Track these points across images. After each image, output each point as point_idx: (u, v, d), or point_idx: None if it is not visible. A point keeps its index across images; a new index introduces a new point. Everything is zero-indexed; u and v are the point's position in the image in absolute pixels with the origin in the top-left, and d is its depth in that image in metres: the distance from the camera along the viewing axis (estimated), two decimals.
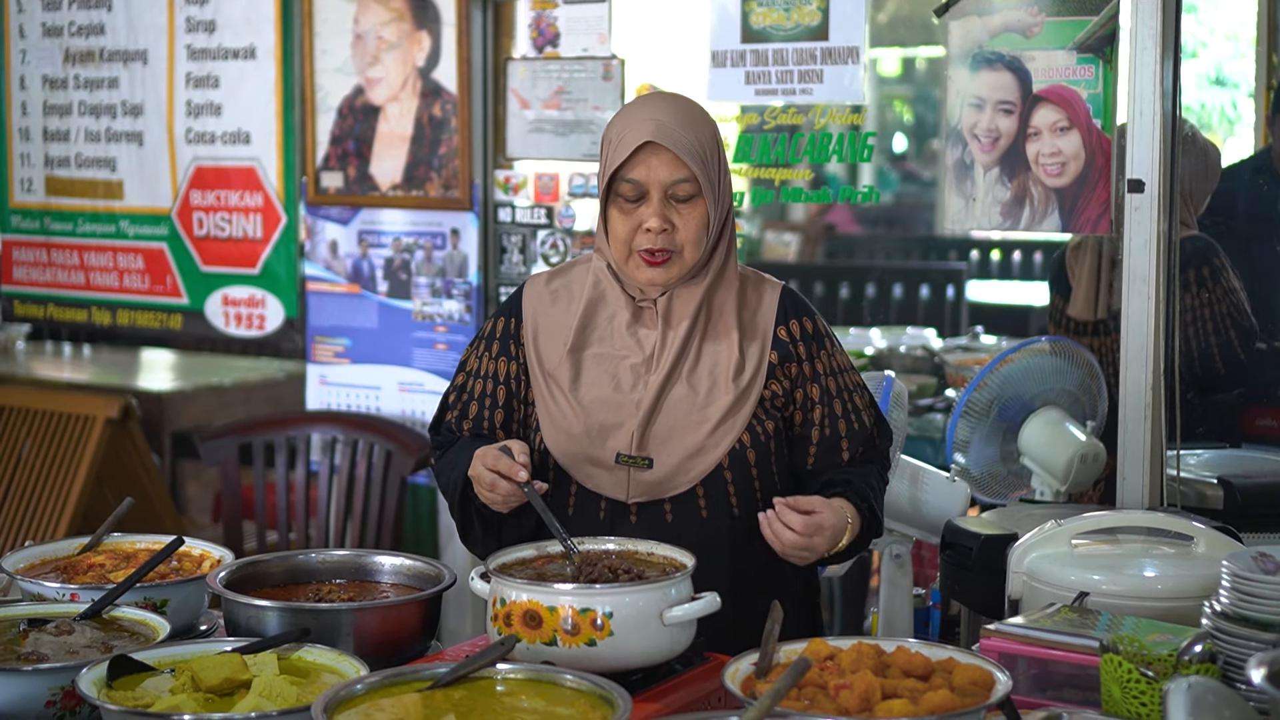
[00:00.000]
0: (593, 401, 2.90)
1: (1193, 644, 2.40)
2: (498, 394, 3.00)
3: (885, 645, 2.37)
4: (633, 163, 2.83)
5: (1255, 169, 4.73)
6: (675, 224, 2.84)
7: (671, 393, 2.88)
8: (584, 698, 2.19)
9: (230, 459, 4.90)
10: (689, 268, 2.88)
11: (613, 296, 2.95)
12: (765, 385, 2.91)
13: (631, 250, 2.87)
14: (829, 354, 2.98)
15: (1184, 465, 3.90)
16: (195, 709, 2.21)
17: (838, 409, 2.95)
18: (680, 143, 2.82)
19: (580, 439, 2.88)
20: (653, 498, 2.88)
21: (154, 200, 5.45)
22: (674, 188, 2.83)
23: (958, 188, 4.07)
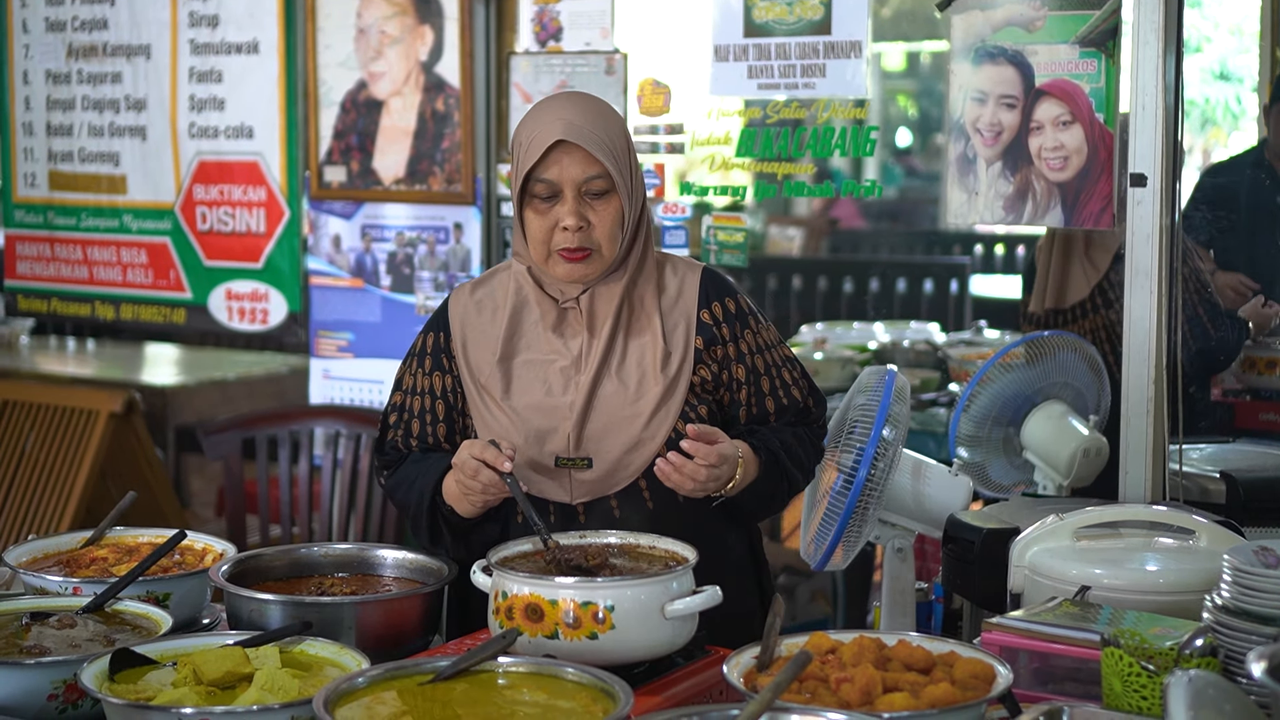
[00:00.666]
0: (526, 408, 2.91)
1: (1194, 638, 2.40)
2: (437, 409, 3.01)
3: (887, 639, 2.37)
4: (545, 163, 2.84)
5: (1254, 163, 4.73)
6: (591, 220, 2.86)
7: (602, 390, 2.90)
8: (585, 691, 2.19)
9: (233, 453, 4.90)
10: (609, 263, 2.90)
11: (536, 301, 2.96)
12: (694, 371, 2.93)
13: (550, 250, 2.88)
14: (754, 332, 2.99)
15: (1186, 459, 3.90)
16: (197, 702, 2.22)
17: (765, 386, 2.99)
18: (591, 140, 2.84)
19: (519, 447, 2.88)
20: (597, 496, 2.90)
21: (157, 195, 5.45)
22: (587, 184, 2.85)
23: (960, 182, 4.07)
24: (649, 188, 4.63)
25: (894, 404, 3.71)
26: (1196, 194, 4.56)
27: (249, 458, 4.96)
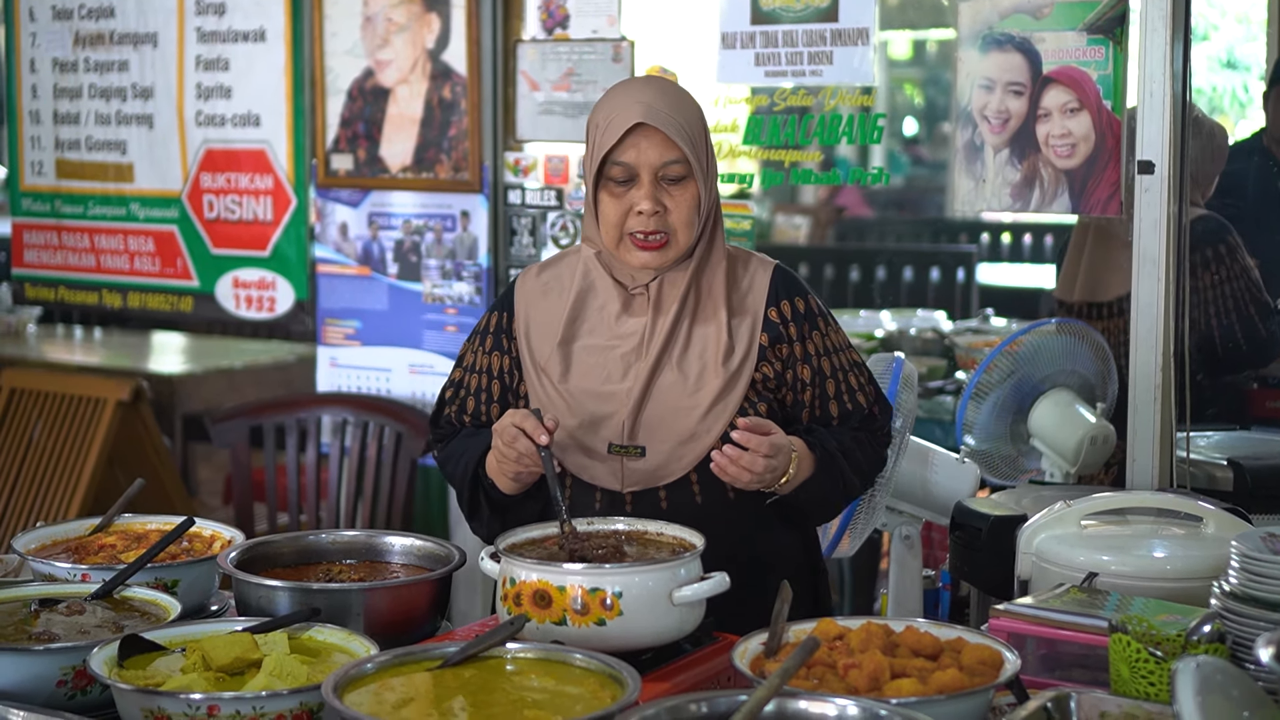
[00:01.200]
0: (583, 393, 2.89)
1: (1201, 624, 2.40)
2: (492, 388, 3.00)
3: (894, 625, 2.37)
4: (623, 145, 2.81)
5: (1252, 150, 4.73)
6: (667, 206, 2.83)
7: (661, 379, 2.87)
8: (593, 677, 2.19)
9: (241, 441, 4.91)
10: (683, 250, 2.87)
11: (602, 286, 2.93)
12: (756, 368, 2.89)
13: (623, 234, 2.85)
14: (822, 334, 2.95)
15: (1194, 447, 3.90)
16: (206, 688, 2.22)
17: (830, 389, 2.93)
18: (671, 124, 2.80)
19: (573, 431, 2.87)
20: (647, 486, 2.87)
21: (164, 183, 5.45)
22: (665, 169, 2.82)
23: (968, 169, 4.06)
24: None
25: (901, 392, 3.71)
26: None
27: (256, 446, 4.97)
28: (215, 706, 2.14)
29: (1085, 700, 2.27)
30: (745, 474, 2.72)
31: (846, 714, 2.02)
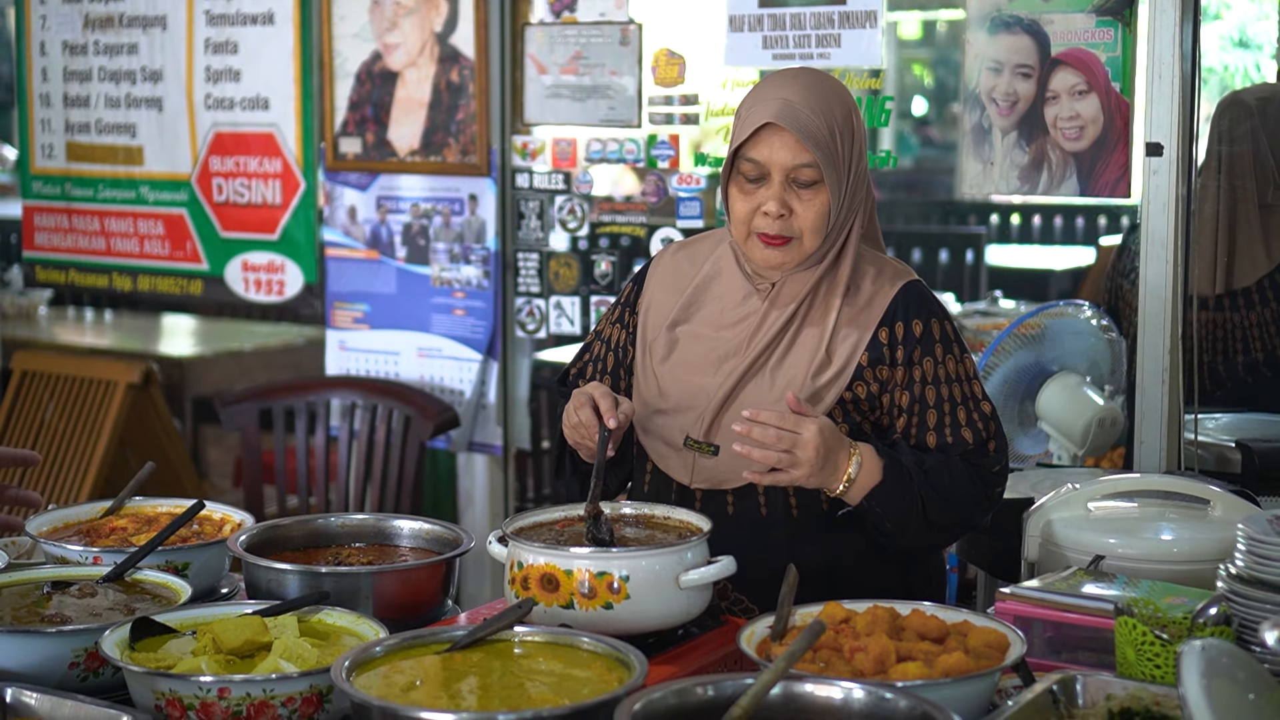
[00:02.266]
0: (675, 380, 2.84)
1: (1208, 607, 2.41)
2: (608, 359, 3.00)
3: (900, 608, 2.38)
4: (755, 142, 2.73)
5: None
6: (795, 209, 2.73)
7: (751, 382, 2.79)
8: (600, 660, 2.20)
9: (251, 424, 4.93)
10: (809, 253, 2.78)
11: (729, 275, 2.87)
12: (849, 386, 2.77)
13: (750, 231, 2.77)
14: (936, 362, 2.78)
15: (1203, 429, 3.90)
16: (217, 670, 2.23)
17: (930, 420, 2.77)
18: (804, 126, 2.70)
19: (657, 416, 2.84)
20: (714, 487, 2.81)
21: (174, 166, 5.46)
22: (795, 172, 2.72)
23: (976, 151, 4.06)
24: (663, 159, 4.63)
25: None
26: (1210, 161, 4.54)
27: (266, 428, 4.98)
28: (226, 689, 2.15)
29: (1091, 683, 2.27)
30: (770, 454, 2.59)
31: (852, 697, 2.04)
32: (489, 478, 5.04)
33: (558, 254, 4.86)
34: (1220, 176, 4.20)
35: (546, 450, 5.66)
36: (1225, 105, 4.29)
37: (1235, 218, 4.20)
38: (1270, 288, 4.21)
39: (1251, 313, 4.22)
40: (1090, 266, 7.81)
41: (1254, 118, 4.19)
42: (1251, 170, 4.16)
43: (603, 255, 4.82)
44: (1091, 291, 6.13)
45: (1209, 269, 4.23)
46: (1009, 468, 2.89)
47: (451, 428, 4.86)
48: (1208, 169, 4.22)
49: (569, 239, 4.86)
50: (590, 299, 4.84)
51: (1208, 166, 4.23)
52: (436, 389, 4.99)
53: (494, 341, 4.92)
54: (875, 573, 2.82)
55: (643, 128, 4.64)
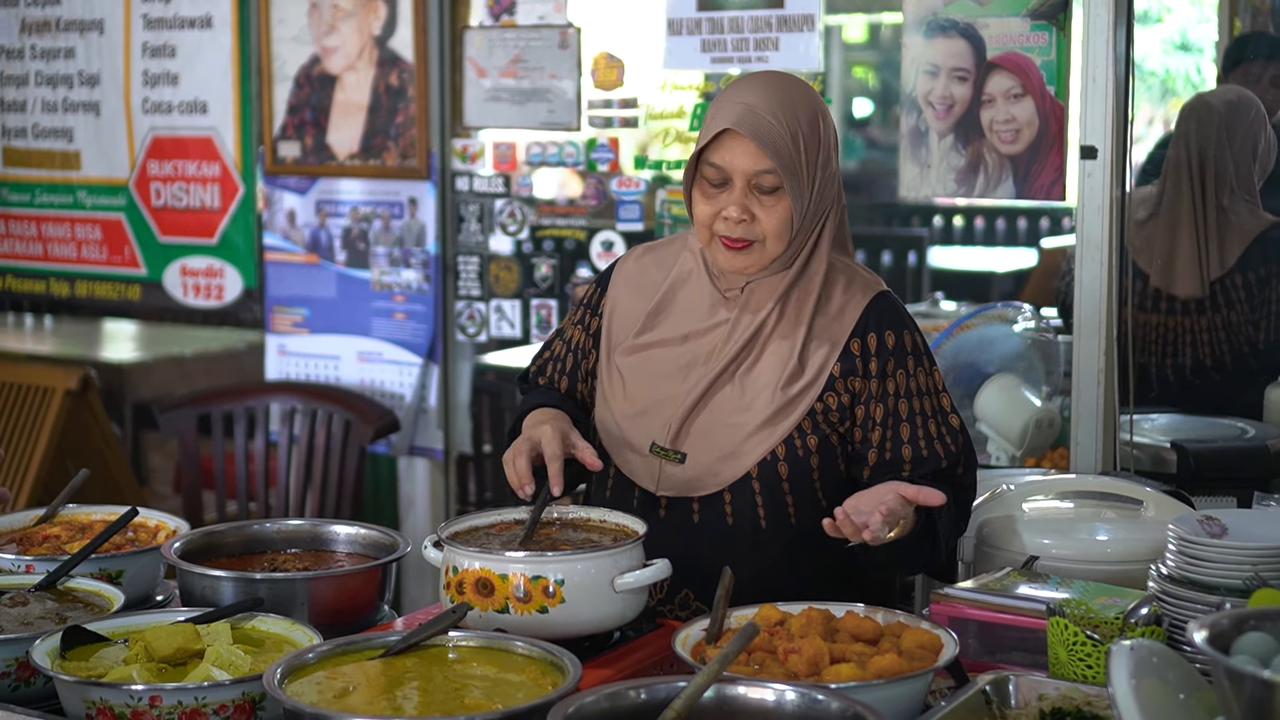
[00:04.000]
0: (643, 386, 2.82)
1: (1139, 607, 2.43)
2: (567, 359, 2.97)
3: (835, 610, 2.39)
4: (717, 146, 2.69)
5: None
6: (757, 214, 2.70)
7: (720, 390, 2.76)
8: (535, 664, 2.20)
9: (189, 430, 4.90)
10: (772, 259, 2.74)
11: (697, 280, 2.84)
12: (819, 397, 2.74)
13: (713, 234, 2.74)
14: (908, 374, 2.76)
15: (1139, 430, 3.93)
16: (148, 678, 2.22)
17: (904, 434, 2.74)
18: (763, 133, 2.66)
19: (623, 422, 2.82)
20: (680, 494, 2.78)
21: (111, 171, 5.42)
22: (756, 178, 2.68)
23: (913, 154, 4.08)
24: (603, 162, 4.63)
25: None
26: (1148, 165, 4.58)
27: (205, 434, 4.95)
28: (157, 697, 2.14)
29: (1024, 683, 2.29)
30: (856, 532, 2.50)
31: (785, 699, 2.04)
32: (430, 482, 5.03)
33: (498, 257, 4.85)
34: (1174, 179, 4.23)
35: (488, 454, 5.65)
36: (1190, 108, 4.32)
37: (1199, 220, 4.23)
38: (1221, 291, 4.24)
39: (1203, 317, 4.25)
40: (1032, 269, 7.85)
41: (1220, 121, 4.22)
42: (1213, 174, 4.20)
43: (543, 258, 4.82)
44: (1033, 293, 6.17)
45: (1187, 269, 4.27)
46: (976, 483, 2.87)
47: (392, 432, 4.85)
48: (1170, 171, 4.25)
49: (510, 242, 4.85)
50: (531, 302, 4.83)
51: (1170, 169, 4.26)
52: (377, 393, 4.98)
53: (434, 345, 4.91)
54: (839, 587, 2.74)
55: (582, 131, 4.64)
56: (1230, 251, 4.22)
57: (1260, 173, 4.21)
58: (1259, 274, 4.18)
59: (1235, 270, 4.21)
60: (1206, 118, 4.25)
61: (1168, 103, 6.95)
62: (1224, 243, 4.22)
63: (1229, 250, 4.22)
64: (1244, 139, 4.19)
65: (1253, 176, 4.20)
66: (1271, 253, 4.18)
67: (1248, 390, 4.19)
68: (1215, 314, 4.24)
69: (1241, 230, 4.19)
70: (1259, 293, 4.18)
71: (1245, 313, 4.20)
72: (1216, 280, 4.22)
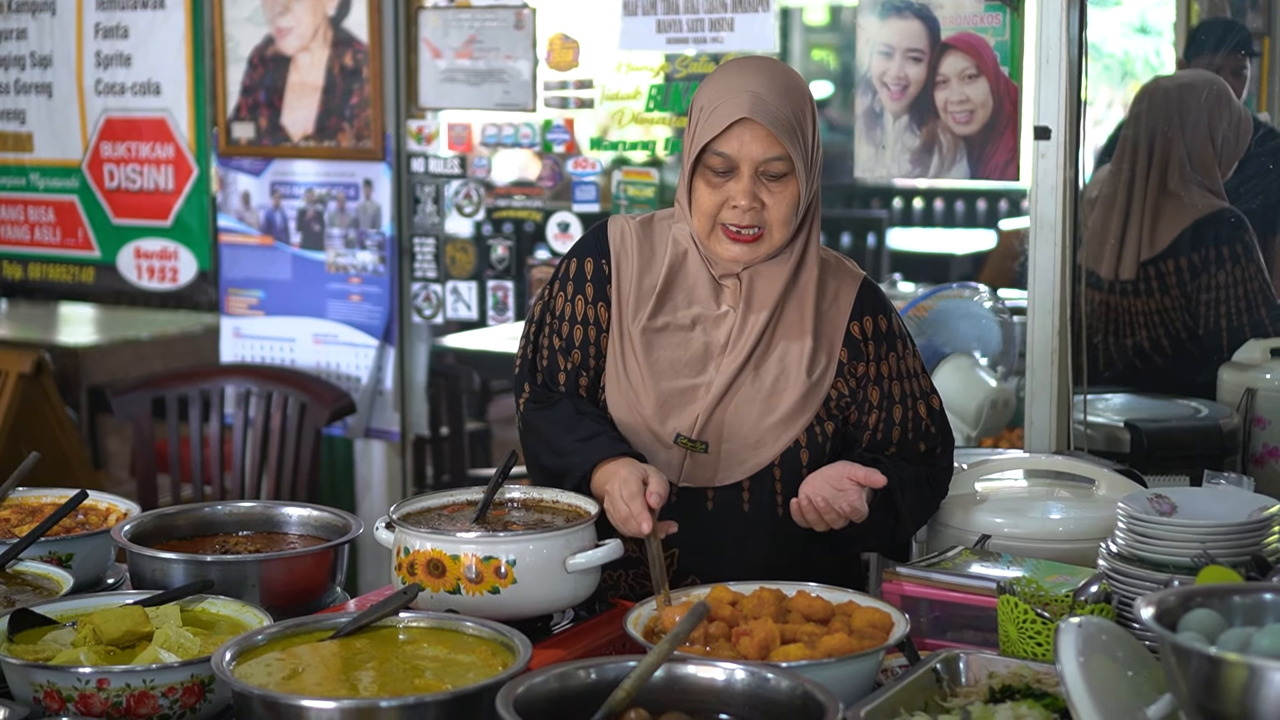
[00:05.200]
0: (664, 377, 2.78)
1: (1089, 584, 2.44)
2: (577, 355, 2.84)
3: (787, 590, 2.39)
4: (725, 136, 2.68)
5: None
6: (765, 202, 2.70)
7: (741, 380, 2.76)
8: (485, 645, 2.20)
9: (143, 413, 4.87)
10: (778, 247, 2.75)
11: (694, 267, 2.82)
12: (833, 384, 2.78)
13: (716, 224, 2.73)
14: (899, 357, 2.83)
15: (1093, 410, 3.94)
16: (96, 661, 2.21)
17: (896, 415, 2.81)
18: (777, 119, 2.67)
19: (644, 412, 2.78)
20: (700, 484, 2.78)
21: (64, 153, 5.38)
22: (766, 165, 2.68)
23: (868, 135, 4.09)
24: (559, 143, 4.62)
25: None
26: (1107, 147, 4.59)
27: (160, 418, 4.92)
28: (105, 680, 2.13)
29: (974, 661, 2.30)
30: (821, 523, 2.63)
31: (735, 678, 2.04)
32: (386, 464, 5.02)
33: (454, 239, 4.84)
34: (1126, 160, 4.24)
35: (445, 437, 5.64)
36: (1145, 91, 4.34)
37: (1138, 202, 4.24)
38: (1163, 275, 4.25)
39: (1151, 299, 4.27)
40: (990, 250, 7.88)
41: (1172, 104, 4.23)
42: (1162, 156, 4.21)
43: (500, 240, 4.81)
44: (992, 274, 6.19)
45: (1114, 250, 4.28)
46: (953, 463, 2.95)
47: (348, 414, 4.83)
48: (1119, 153, 4.27)
49: (466, 224, 4.83)
50: (488, 284, 4.82)
51: (1119, 151, 4.28)
52: (333, 375, 4.96)
53: (390, 327, 4.89)
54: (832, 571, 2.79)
55: (538, 112, 4.63)
56: (1163, 236, 4.24)
57: (1222, 156, 4.21)
58: (1191, 260, 4.19)
59: (1167, 254, 4.23)
60: (1159, 100, 4.26)
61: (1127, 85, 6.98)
62: (1157, 226, 4.23)
63: (1162, 234, 4.24)
64: (1197, 121, 4.20)
65: (1210, 159, 4.21)
66: (1210, 238, 4.18)
67: (1195, 372, 4.21)
68: (1149, 297, 4.26)
69: (1181, 214, 4.20)
70: (1191, 279, 4.19)
71: (1178, 298, 4.22)
72: (1149, 263, 4.24)
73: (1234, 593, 2.02)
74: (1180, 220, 4.20)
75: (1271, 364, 4.04)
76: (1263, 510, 2.52)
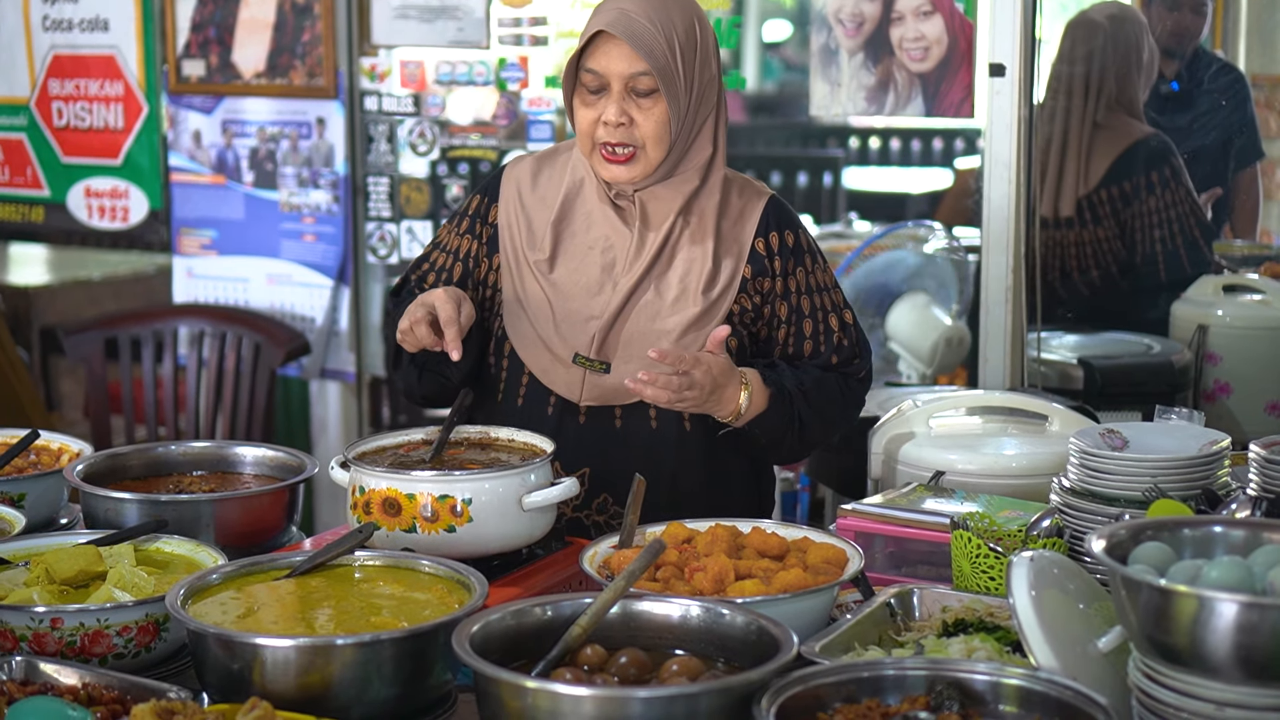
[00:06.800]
0: (560, 297, 2.81)
1: (1041, 519, 2.46)
2: (454, 269, 2.92)
3: (742, 526, 2.40)
4: (593, 52, 2.71)
5: None
6: (635, 119, 2.71)
7: (639, 299, 2.78)
8: (441, 583, 2.20)
9: (95, 354, 4.84)
10: (654, 166, 2.76)
11: (589, 191, 2.84)
12: (735, 300, 2.79)
13: (594, 144, 2.76)
14: (807, 271, 2.83)
15: (1047, 347, 3.97)
16: (49, 601, 2.20)
17: (806, 329, 2.82)
18: (640, 35, 2.68)
19: (542, 333, 2.81)
20: (604, 403, 2.79)
21: (11, 90, 5.30)
22: (633, 81, 2.70)
23: (824, 73, 4.08)
24: (513, 81, 4.59)
25: None
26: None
27: (113, 358, 4.89)
28: (59, 619, 2.12)
29: (928, 595, 2.32)
30: (663, 394, 2.59)
31: (690, 614, 2.05)
32: (342, 405, 5.00)
33: (408, 178, 4.81)
34: (1061, 96, 4.24)
35: None
36: (1073, 24, 4.33)
37: (1074, 136, 4.25)
38: (1098, 204, 4.26)
39: (1086, 230, 4.28)
40: (948, 189, 7.88)
41: (1102, 36, 4.23)
42: (1089, 89, 4.21)
43: (455, 179, 4.78)
44: (948, 213, 6.19)
45: (1053, 188, 4.29)
46: (872, 373, 2.95)
47: (303, 355, 4.81)
48: (1051, 89, 4.27)
49: (421, 163, 4.80)
50: (442, 223, 4.79)
51: (1052, 87, 4.28)
52: (287, 316, 4.93)
53: (345, 267, 4.87)
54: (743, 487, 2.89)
55: (492, 50, 4.60)
56: (1096, 168, 4.25)
57: (1145, 84, 4.23)
58: (1123, 188, 4.21)
59: (1100, 186, 4.24)
60: (1086, 34, 4.25)
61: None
62: (1091, 159, 4.25)
63: (1095, 167, 4.25)
64: (1125, 52, 4.21)
65: (1135, 89, 4.22)
66: (1139, 165, 4.20)
67: (1139, 304, 4.24)
68: (1085, 229, 4.27)
69: (1111, 144, 4.21)
70: (1124, 207, 4.20)
71: (1112, 227, 4.23)
72: (1084, 196, 4.26)
73: (1184, 525, 2.04)
74: (1111, 151, 4.21)
75: (1223, 300, 4.07)
76: (1212, 445, 2.54)
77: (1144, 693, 1.87)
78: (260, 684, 1.95)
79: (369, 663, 1.96)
